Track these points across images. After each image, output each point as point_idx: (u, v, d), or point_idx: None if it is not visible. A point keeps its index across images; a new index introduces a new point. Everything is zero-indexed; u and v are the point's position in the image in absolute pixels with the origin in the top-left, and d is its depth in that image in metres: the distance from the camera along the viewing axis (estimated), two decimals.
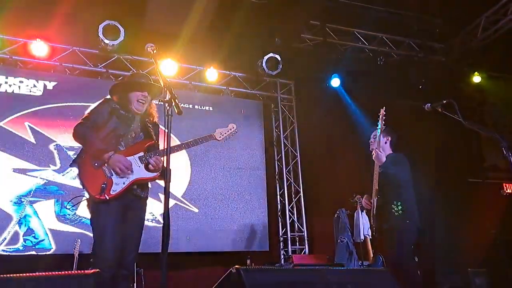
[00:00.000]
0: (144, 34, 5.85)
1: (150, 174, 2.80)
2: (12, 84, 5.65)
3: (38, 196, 5.37)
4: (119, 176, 2.69)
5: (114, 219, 2.64)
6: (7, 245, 5.04)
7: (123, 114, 2.88)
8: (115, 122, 2.82)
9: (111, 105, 2.87)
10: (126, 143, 2.82)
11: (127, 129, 2.85)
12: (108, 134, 2.79)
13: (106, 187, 2.64)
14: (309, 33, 6.66)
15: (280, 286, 1.71)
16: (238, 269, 1.73)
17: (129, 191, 2.73)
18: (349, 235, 5.63)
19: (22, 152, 5.45)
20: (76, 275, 1.66)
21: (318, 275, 1.97)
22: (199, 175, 6.25)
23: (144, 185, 2.87)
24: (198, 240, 5.94)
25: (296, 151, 7.00)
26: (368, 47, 7.04)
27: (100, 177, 2.68)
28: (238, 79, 7.00)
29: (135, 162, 2.78)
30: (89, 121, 2.79)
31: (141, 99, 2.91)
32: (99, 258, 2.54)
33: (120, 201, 2.69)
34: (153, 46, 2.58)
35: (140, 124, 2.95)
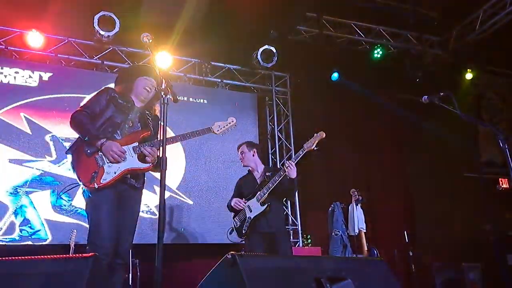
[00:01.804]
0: (140, 25, 5.84)
1: (143, 165, 2.78)
2: (7, 74, 5.67)
3: (34, 187, 5.41)
4: (112, 164, 2.67)
5: (108, 208, 2.63)
6: (3, 235, 5.10)
7: (121, 103, 2.86)
8: (113, 111, 2.81)
9: (110, 94, 2.86)
10: (122, 132, 2.80)
11: (125, 118, 2.84)
12: (105, 122, 2.78)
13: (97, 176, 2.62)
14: (305, 25, 6.64)
15: (275, 272, 1.73)
16: (234, 255, 1.75)
17: (122, 181, 2.72)
18: (343, 228, 5.65)
19: (18, 143, 5.48)
20: (74, 258, 1.67)
21: (314, 262, 1.99)
22: (193, 168, 6.28)
23: (138, 175, 2.84)
24: (192, 232, 5.98)
25: (291, 144, 7.01)
26: (365, 40, 7.02)
27: (92, 166, 2.66)
28: (233, 72, 6.99)
29: (129, 152, 2.76)
30: (87, 109, 2.79)
31: (148, 86, 2.92)
32: (95, 246, 2.53)
33: (113, 190, 2.68)
34: (149, 36, 2.57)
35: (139, 114, 2.92)
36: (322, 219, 6.36)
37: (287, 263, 1.80)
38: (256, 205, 3.83)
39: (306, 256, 2.85)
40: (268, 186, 3.79)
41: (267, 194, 3.79)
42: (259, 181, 4.00)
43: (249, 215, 3.83)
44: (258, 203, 3.81)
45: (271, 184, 3.79)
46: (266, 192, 3.79)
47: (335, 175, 6.83)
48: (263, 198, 3.80)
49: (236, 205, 3.89)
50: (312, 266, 1.76)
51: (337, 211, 5.65)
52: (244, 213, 3.86)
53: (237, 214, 3.95)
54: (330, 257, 4.25)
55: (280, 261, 1.90)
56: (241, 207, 3.87)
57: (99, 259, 1.70)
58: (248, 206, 3.86)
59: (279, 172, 3.84)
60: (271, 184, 3.79)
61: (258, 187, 3.92)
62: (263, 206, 3.81)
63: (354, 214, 5.27)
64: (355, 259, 3.17)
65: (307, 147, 3.85)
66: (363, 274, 1.83)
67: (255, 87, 7.21)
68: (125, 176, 2.72)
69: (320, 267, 1.77)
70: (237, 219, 3.93)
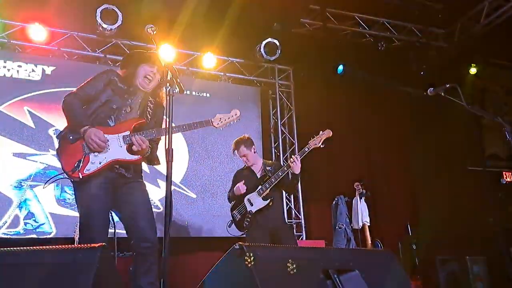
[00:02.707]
0: (142, 18, 5.81)
1: (131, 156, 2.60)
2: (10, 68, 5.67)
3: (38, 180, 5.42)
4: (98, 154, 2.52)
5: (97, 199, 2.50)
6: (8, 228, 5.12)
7: (120, 87, 2.71)
8: (109, 95, 2.66)
9: (109, 77, 2.71)
10: (117, 118, 2.65)
11: (122, 103, 2.68)
12: (99, 107, 2.64)
13: (81, 165, 2.47)
14: (308, 18, 6.59)
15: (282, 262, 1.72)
16: (241, 245, 1.74)
17: (110, 170, 2.57)
18: (347, 221, 5.66)
19: (22, 137, 5.50)
20: (82, 248, 1.65)
21: (321, 253, 1.98)
22: (196, 162, 6.29)
23: (128, 166, 2.66)
24: (195, 225, 6.00)
25: (294, 138, 6.99)
26: (369, 32, 6.97)
27: (77, 153, 2.51)
28: (236, 65, 6.97)
29: (118, 141, 2.60)
30: (81, 91, 2.64)
31: (149, 75, 2.76)
32: (85, 238, 2.46)
33: (103, 179, 2.54)
34: (153, 27, 2.52)
35: (141, 101, 2.78)
36: (325, 212, 6.36)
37: (295, 254, 1.79)
38: (257, 199, 3.81)
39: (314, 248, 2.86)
40: (271, 181, 3.79)
41: (269, 189, 3.78)
42: (259, 175, 3.99)
43: (250, 208, 3.82)
44: (260, 197, 3.81)
45: (274, 179, 3.79)
46: (268, 187, 3.78)
47: (339, 169, 6.82)
48: (265, 192, 3.79)
49: (238, 189, 3.85)
50: (320, 257, 1.76)
51: (341, 204, 5.65)
52: (245, 207, 3.85)
53: (236, 207, 3.93)
54: (337, 248, 4.26)
55: (288, 252, 1.90)
56: (241, 193, 3.85)
57: (107, 248, 1.68)
58: (248, 199, 3.85)
59: (283, 168, 3.84)
60: (274, 179, 3.79)
61: (258, 181, 3.91)
62: (265, 200, 3.80)
63: (358, 208, 5.26)
64: (362, 250, 3.17)
65: (313, 145, 3.84)
66: (371, 265, 1.82)
67: (258, 80, 7.19)
68: (113, 165, 2.58)
69: (328, 258, 1.77)
70: (237, 213, 3.91)
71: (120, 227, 4.39)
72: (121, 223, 2.72)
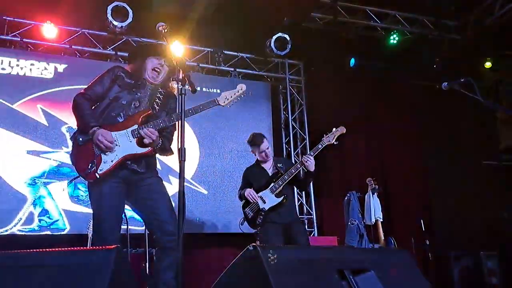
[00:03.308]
0: (152, 15, 5.83)
1: (142, 149, 2.58)
2: (23, 66, 5.73)
3: (52, 178, 5.49)
4: (108, 152, 2.52)
5: (110, 199, 2.51)
6: (23, 225, 5.20)
7: (128, 82, 2.68)
8: (117, 91, 2.64)
9: (116, 73, 2.69)
10: (126, 114, 2.62)
11: (131, 98, 2.66)
12: (109, 104, 2.63)
13: (94, 166, 2.49)
14: (319, 12, 6.51)
15: (297, 263, 1.71)
16: (255, 246, 1.73)
17: (123, 168, 2.56)
18: (359, 217, 5.61)
19: (35, 134, 5.56)
20: (97, 250, 1.65)
21: (336, 253, 1.97)
22: (207, 157, 6.30)
23: (140, 160, 2.64)
24: (207, 221, 6.02)
25: (305, 134, 6.96)
26: (381, 25, 6.87)
27: (90, 154, 2.52)
28: (246, 60, 6.94)
29: (127, 137, 2.58)
30: (90, 91, 2.64)
31: (157, 67, 2.74)
32: (98, 238, 2.49)
33: (116, 178, 2.55)
34: (165, 25, 2.48)
35: (150, 93, 2.74)
36: (337, 208, 6.33)
37: (309, 254, 1.77)
38: (270, 197, 3.80)
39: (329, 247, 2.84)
40: (284, 178, 3.77)
41: (282, 186, 3.77)
42: (270, 172, 3.97)
43: (262, 206, 3.80)
44: (273, 194, 3.79)
45: (287, 176, 3.77)
46: (281, 184, 3.77)
47: (351, 164, 6.78)
48: (278, 189, 3.78)
49: (250, 196, 3.85)
50: (335, 257, 1.74)
51: (353, 200, 5.61)
52: (257, 204, 3.83)
53: (248, 205, 3.91)
54: (353, 248, 4.24)
55: (303, 252, 1.88)
56: (255, 199, 3.83)
57: (121, 250, 1.68)
58: (261, 197, 3.83)
59: (296, 165, 3.82)
60: (287, 176, 3.77)
61: (270, 178, 3.89)
62: (279, 197, 3.79)
63: (371, 203, 5.22)
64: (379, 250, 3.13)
65: (326, 141, 3.82)
66: (387, 265, 1.80)
67: (269, 75, 7.16)
68: (125, 163, 2.57)
69: (343, 258, 1.75)
70: (250, 210, 3.89)
71: (132, 223, 4.44)
72: (142, 219, 2.73)
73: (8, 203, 5.19)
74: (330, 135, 3.85)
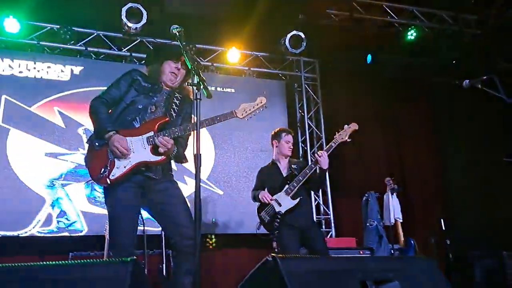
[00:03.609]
0: (166, 16, 5.82)
1: (155, 157, 2.55)
2: (40, 69, 5.78)
3: (69, 179, 5.54)
4: (120, 159, 2.51)
5: (124, 204, 2.50)
6: (41, 226, 5.26)
7: (145, 86, 2.67)
8: (134, 95, 2.63)
9: (133, 77, 2.68)
10: (142, 119, 2.61)
11: (148, 102, 2.64)
12: (125, 109, 2.62)
13: (107, 171, 2.48)
14: (334, 8, 6.41)
15: (318, 274, 1.66)
16: (274, 257, 1.69)
17: (137, 173, 2.55)
18: (378, 218, 5.50)
19: (53, 137, 5.61)
20: (113, 263, 1.62)
21: (358, 263, 1.91)
22: (222, 158, 6.27)
23: (154, 167, 2.61)
24: (223, 222, 5.99)
25: (321, 132, 6.85)
26: (398, 21, 6.73)
27: (103, 159, 2.52)
28: (261, 59, 6.88)
29: (142, 143, 2.56)
30: (106, 95, 2.64)
31: (174, 71, 2.71)
32: (114, 243, 2.51)
33: (130, 184, 2.53)
34: (178, 28, 2.45)
35: (167, 98, 2.72)
36: (355, 208, 6.24)
37: (330, 265, 1.71)
38: (286, 199, 3.73)
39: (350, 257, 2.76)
40: (299, 179, 3.70)
41: (297, 188, 3.71)
42: (285, 174, 3.91)
43: (278, 209, 3.72)
44: (288, 197, 3.73)
45: (301, 178, 3.70)
46: (296, 186, 3.70)
47: (368, 163, 6.67)
48: (294, 192, 3.72)
49: (264, 199, 3.77)
50: (357, 268, 1.68)
51: (371, 200, 5.50)
52: (273, 208, 3.75)
53: (263, 208, 3.82)
54: (375, 257, 4.14)
55: (323, 262, 1.82)
56: (270, 202, 3.77)
57: (138, 263, 1.65)
58: (276, 200, 3.76)
59: (310, 165, 3.76)
60: (301, 177, 3.70)
61: (284, 180, 3.82)
62: (294, 200, 3.72)
63: (390, 204, 5.11)
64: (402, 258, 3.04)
65: (339, 139, 3.74)
66: (411, 274, 1.73)
67: (283, 74, 7.09)
68: (139, 168, 2.55)
69: (365, 268, 1.68)
70: (266, 214, 3.80)
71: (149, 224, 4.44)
72: (159, 223, 2.70)
73: (27, 205, 5.25)
74: (343, 133, 3.78)
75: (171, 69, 2.73)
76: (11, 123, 5.46)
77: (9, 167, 5.32)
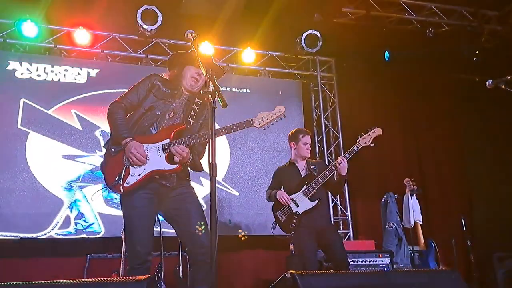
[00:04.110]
0: (181, 17, 5.82)
1: (170, 166, 2.52)
2: (57, 72, 5.83)
3: (87, 181, 5.57)
4: (135, 166, 2.48)
5: (140, 211, 2.48)
6: (60, 228, 5.30)
7: (164, 91, 2.65)
8: (152, 101, 2.61)
9: (152, 82, 2.66)
10: (160, 125, 2.59)
11: (166, 108, 2.61)
12: (143, 114, 2.60)
13: (122, 178, 2.46)
14: (350, 7, 6.31)
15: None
16: (293, 274, 1.65)
17: (151, 181, 2.52)
18: (398, 220, 5.39)
19: (70, 139, 5.66)
20: (129, 281, 1.60)
21: (380, 278, 1.87)
22: (238, 158, 6.24)
23: (169, 175, 2.57)
24: (239, 223, 5.96)
25: (338, 132, 6.76)
26: (416, 18, 6.60)
27: (118, 166, 2.49)
28: (276, 59, 6.82)
29: (157, 151, 2.53)
30: (125, 100, 2.63)
31: (195, 76, 2.69)
32: (130, 251, 2.48)
33: (146, 191, 2.50)
34: (193, 33, 2.44)
35: (186, 103, 2.70)
36: (373, 209, 6.14)
37: (350, 281, 1.65)
38: (303, 200, 3.69)
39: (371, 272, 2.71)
40: (318, 181, 3.67)
41: (316, 189, 3.65)
42: (303, 174, 3.86)
43: (296, 209, 3.69)
44: (306, 198, 3.69)
45: (321, 179, 3.66)
46: (315, 187, 3.66)
47: (387, 163, 6.55)
48: (312, 193, 3.66)
49: (282, 199, 3.72)
50: (379, 283, 1.61)
51: (390, 202, 5.40)
52: (290, 208, 3.72)
53: (279, 208, 3.79)
54: (397, 271, 4.06)
55: (342, 278, 1.75)
56: (287, 203, 3.72)
57: (154, 280, 1.62)
58: (293, 200, 3.71)
59: (330, 167, 3.71)
60: (321, 179, 3.66)
61: (303, 180, 3.79)
62: (313, 201, 3.68)
63: (409, 205, 5.00)
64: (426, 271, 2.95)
65: (363, 143, 3.69)
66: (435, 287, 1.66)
67: (299, 73, 7.02)
68: (153, 176, 2.53)
69: (388, 283, 1.62)
70: (282, 214, 3.76)
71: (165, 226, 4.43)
72: (174, 229, 2.67)
73: (45, 207, 5.31)
74: (366, 137, 3.72)
75: (192, 74, 2.71)
76: (30, 126, 5.52)
77: (28, 170, 5.37)
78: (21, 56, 5.76)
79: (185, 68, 2.73)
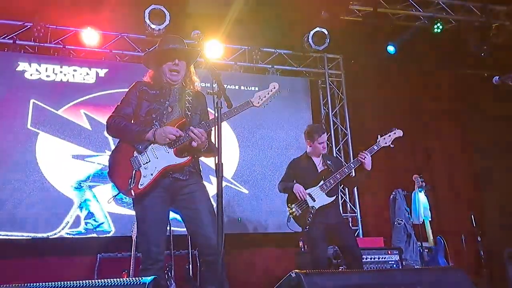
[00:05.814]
0: (189, 16, 5.82)
1: (180, 159, 2.53)
2: (66, 73, 5.86)
3: (96, 181, 5.60)
4: (147, 165, 2.49)
5: (153, 211, 2.49)
6: (70, 228, 5.34)
7: (153, 93, 2.64)
8: (147, 106, 2.61)
9: (138, 89, 2.65)
10: (161, 121, 2.58)
11: (162, 108, 2.62)
12: (144, 120, 2.60)
13: (134, 182, 2.46)
14: (357, 4, 6.31)
15: None
16: (298, 273, 1.65)
17: (164, 177, 2.52)
18: (406, 217, 5.38)
19: (80, 139, 5.68)
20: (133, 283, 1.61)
21: (386, 277, 1.88)
22: (247, 156, 6.25)
23: (181, 168, 2.57)
24: (248, 221, 5.97)
25: (346, 129, 6.75)
26: (423, 14, 6.57)
27: (128, 171, 2.49)
28: (284, 57, 6.82)
29: (164, 148, 2.53)
30: (121, 112, 2.62)
31: (173, 68, 2.64)
32: (142, 250, 2.49)
33: (158, 188, 2.51)
34: (199, 33, 2.43)
35: (179, 96, 2.69)
36: (382, 205, 6.13)
37: (356, 280, 1.65)
38: (320, 195, 3.68)
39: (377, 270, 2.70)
40: (336, 177, 3.67)
41: (334, 185, 3.66)
42: (320, 169, 3.86)
43: (312, 204, 3.66)
44: (324, 193, 3.68)
45: (339, 176, 3.67)
46: (333, 183, 3.66)
47: (395, 160, 6.53)
48: (330, 188, 3.66)
49: (299, 194, 3.68)
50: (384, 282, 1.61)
51: (399, 198, 5.38)
52: (306, 202, 3.69)
53: (294, 201, 3.74)
54: (403, 269, 4.05)
55: (349, 277, 1.75)
56: (304, 197, 3.68)
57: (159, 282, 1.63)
58: (309, 194, 3.69)
59: (349, 164, 3.72)
60: (339, 175, 3.67)
61: (320, 175, 3.77)
62: (330, 197, 3.68)
63: (419, 202, 4.99)
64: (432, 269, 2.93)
65: (383, 143, 3.69)
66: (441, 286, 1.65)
67: (307, 71, 7.01)
68: (167, 172, 2.52)
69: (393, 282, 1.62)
70: (297, 207, 3.70)
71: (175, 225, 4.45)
72: (185, 227, 2.64)
73: (56, 207, 5.34)
74: (387, 137, 3.73)
75: (169, 67, 2.67)
76: (39, 126, 5.56)
77: (38, 170, 5.41)
78: (30, 57, 5.80)
79: (163, 66, 2.69)
